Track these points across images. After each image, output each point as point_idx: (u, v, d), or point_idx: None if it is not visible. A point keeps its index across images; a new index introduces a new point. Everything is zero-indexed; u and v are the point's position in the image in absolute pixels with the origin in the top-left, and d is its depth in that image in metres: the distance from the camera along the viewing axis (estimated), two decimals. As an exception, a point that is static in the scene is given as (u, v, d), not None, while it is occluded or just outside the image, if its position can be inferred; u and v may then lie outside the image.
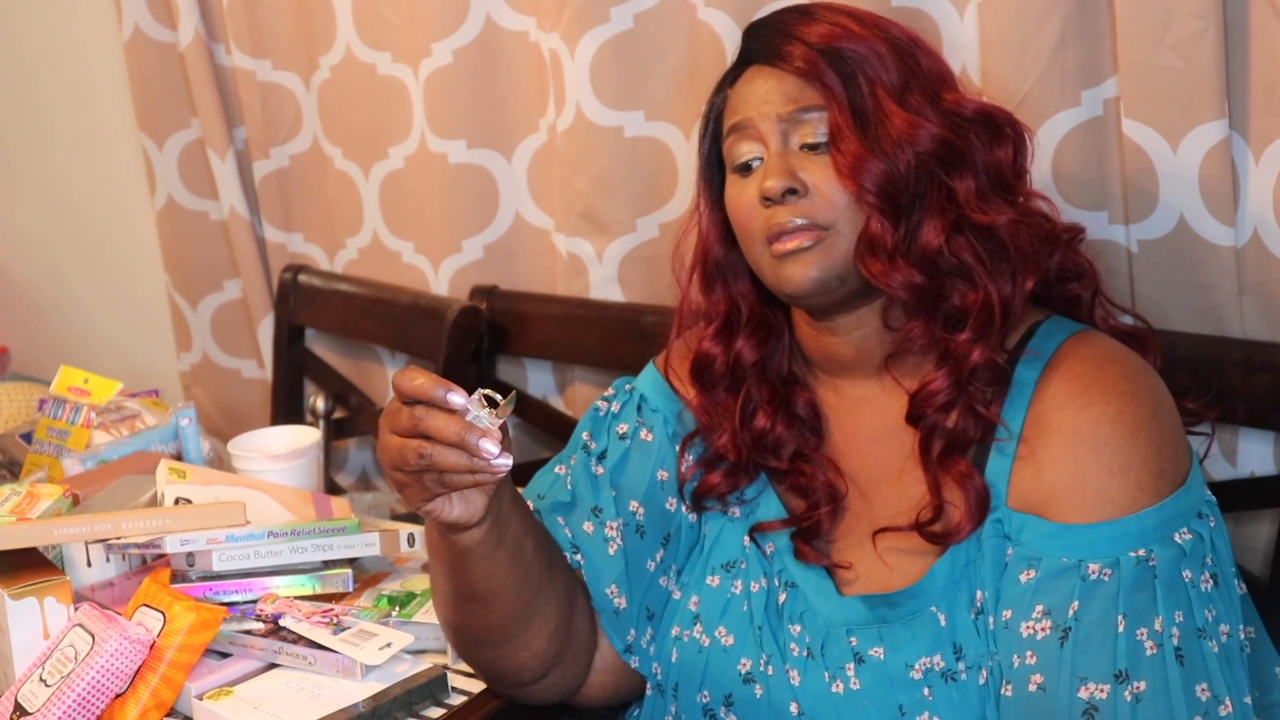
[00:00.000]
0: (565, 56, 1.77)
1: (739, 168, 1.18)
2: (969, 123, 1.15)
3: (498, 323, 1.94)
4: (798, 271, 1.13)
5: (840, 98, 1.13)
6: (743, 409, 1.24)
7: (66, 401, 1.80)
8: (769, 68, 1.17)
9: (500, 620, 1.19)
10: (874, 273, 1.12)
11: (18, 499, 1.48)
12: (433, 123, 1.94)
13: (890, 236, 1.12)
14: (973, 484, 1.11)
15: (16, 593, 1.29)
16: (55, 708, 1.22)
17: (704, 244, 1.25)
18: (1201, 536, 1.07)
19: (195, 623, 1.27)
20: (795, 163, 1.14)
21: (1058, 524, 1.07)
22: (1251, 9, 1.33)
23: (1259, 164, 1.36)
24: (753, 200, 1.16)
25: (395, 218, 2.07)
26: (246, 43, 2.12)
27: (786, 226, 1.13)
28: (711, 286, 1.26)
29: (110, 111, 2.40)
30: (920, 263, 1.12)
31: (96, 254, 2.55)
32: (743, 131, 1.18)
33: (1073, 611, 1.05)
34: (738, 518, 1.26)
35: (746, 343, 1.24)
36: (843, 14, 1.18)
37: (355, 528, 1.40)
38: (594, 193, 1.81)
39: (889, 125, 1.12)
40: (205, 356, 2.37)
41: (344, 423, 2.15)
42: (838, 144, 1.13)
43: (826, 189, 1.13)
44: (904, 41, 1.17)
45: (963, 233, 1.13)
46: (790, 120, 1.15)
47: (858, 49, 1.14)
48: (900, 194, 1.12)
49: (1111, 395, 1.08)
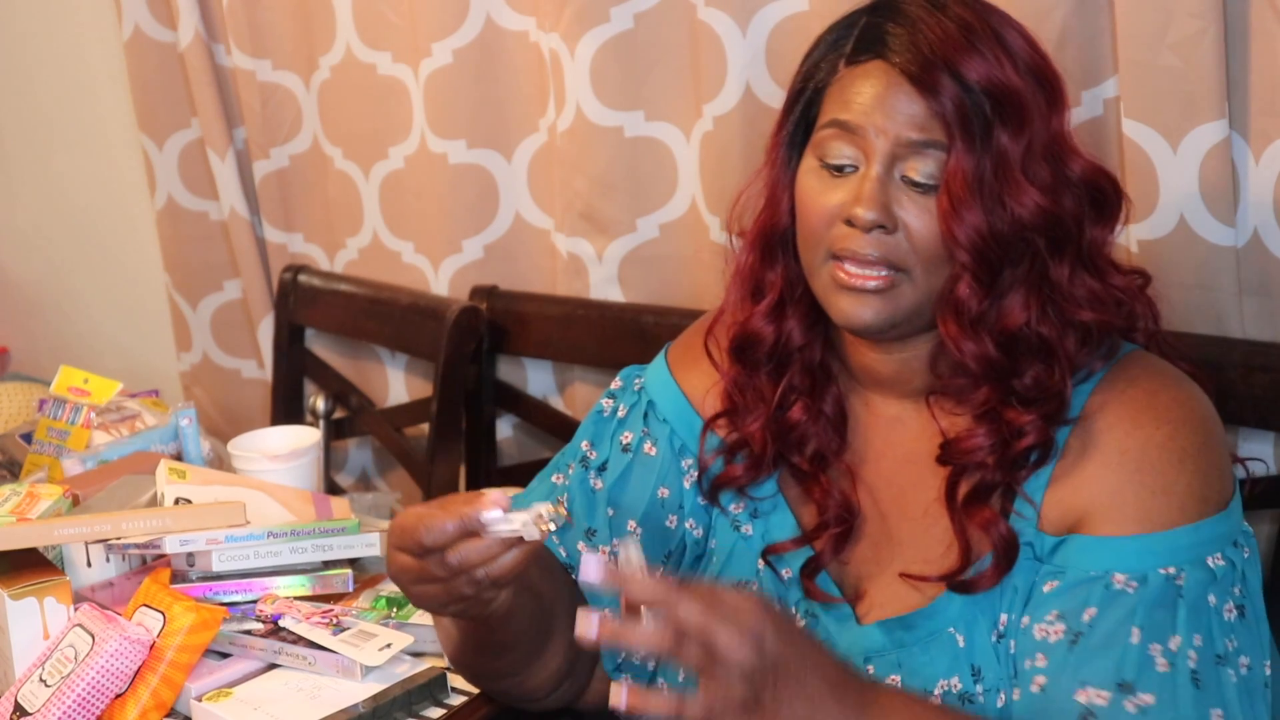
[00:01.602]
0: (565, 56, 1.76)
1: (829, 164, 1.09)
2: (1075, 186, 1.08)
3: (498, 323, 1.94)
4: (855, 309, 1.07)
5: (966, 145, 1.04)
6: (783, 396, 1.17)
7: (66, 401, 1.80)
8: (892, 70, 1.06)
9: (520, 657, 1.17)
10: (950, 334, 1.07)
11: (18, 499, 1.48)
12: (433, 123, 1.94)
13: (976, 303, 1.06)
14: (998, 531, 1.07)
15: (16, 593, 1.29)
16: (55, 708, 1.22)
17: (772, 213, 1.16)
18: (1234, 565, 1.04)
19: (195, 623, 1.27)
20: (893, 195, 1.06)
21: (1091, 538, 1.04)
22: (1251, 9, 1.33)
23: (1259, 164, 1.36)
24: (833, 209, 1.08)
25: (395, 218, 2.07)
26: (246, 43, 2.11)
27: (860, 256, 1.06)
28: (771, 259, 1.17)
29: (110, 111, 2.40)
30: (999, 336, 1.07)
31: (96, 254, 2.55)
32: (849, 134, 1.08)
33: (1088, 617, 1.02)
34: (750, 535, 1.21)
35: (798, 325, 1.17)
36: (976, 16, 1.07)
37: (355, 528, 1.40)
38: (594, 193, 1.81)
39: (1004, 185, 1.05)
40: (205, 356, 2.37)
41: (344, 423, 2.15)
42: (950, 192, 1.04)
43: (919, 233, 1.05)
44: (1039, 78, 1.07)
45: (1047, 314, 1.07)
46: (908, 147, 1.05)
47: (990, 83, 1.04)
48: (996, 259, 1.05)
49: (1163, 420, 1.05)
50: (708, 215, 1.74)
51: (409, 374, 2.14)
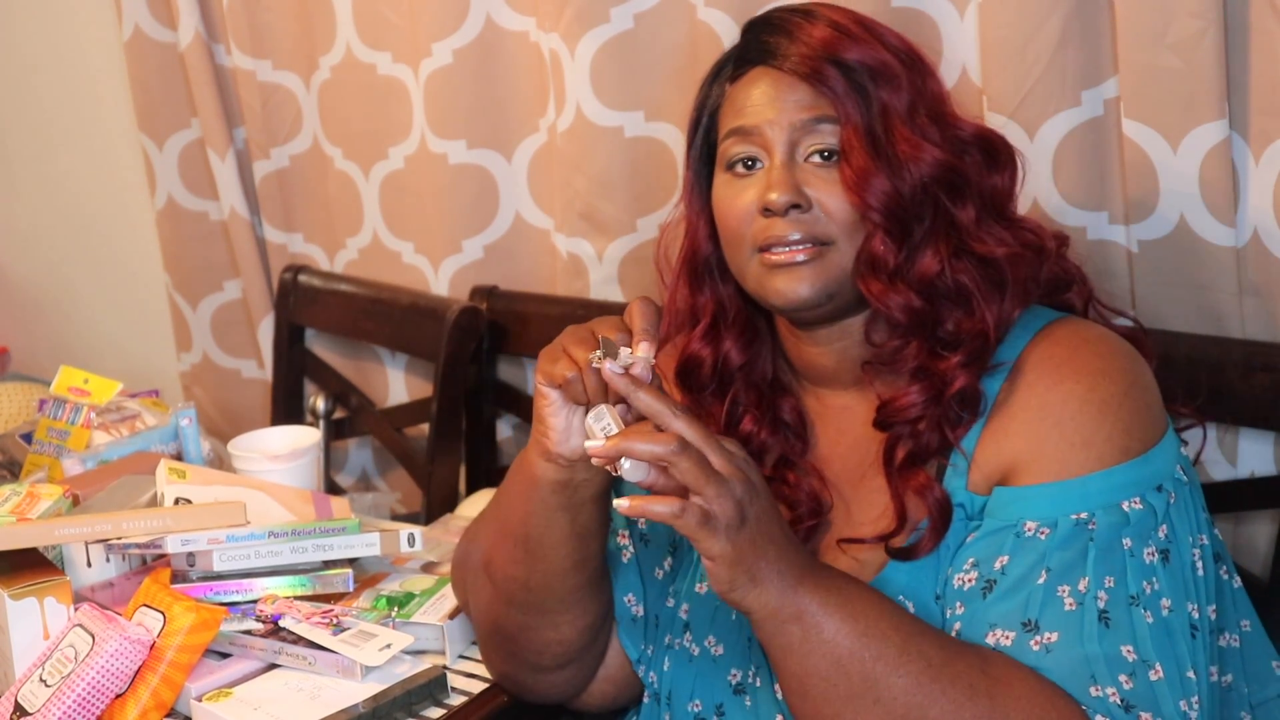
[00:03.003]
0: (565, 56, 1.76)
1: (734, 166, 1.16)
2: (968, 145, 1.15)
3: (498, 323, 1.94)
4: (789, 285, 1.12)
5: (854, 112, 1.11)
6: (729, 413, 1.22)
7: (66, 401, 1.80)
8: (776, 71, 1.14)
9: (539, 586, 1.18)
10: (873, 292, 1.11)
11: (18, 499, 1.48)
12: (433, 123, 1.94)
13: (893, 257, 1.10)
14: (933, 495, 1.10)
15: (16, 593, 1.29)
16: (55, 708, 1.22)
17: (692, 242, 1.23)
18: (1154, 509, 1.06)
19: (195, 623, 1.27)
20: (800, 176, 1.12)
21: (1010, 488, 1.08)
22: (1251, 9, 1.33)
23: (1259, 164, 1.36)
24: (748, 206, 1.14)
25: (395, 218, 2.07)
26: (247, 43, 2.12)
27: (785, 239, 1.11)
28: (699, 286, 1.23)
29: (110, 111, 2.40)
30: (919, 286, 1.11)
31: (96, 254, 2.55)
32: (747, 136, 1.14)
33: (999, 565, 1.06)
34: None
35: (734, 344, 1.22)
36: (845, 16, 1.16)
37: (355, 528, 1.40)
38: (594, 193, 1.81)
39: (897, 146, 1.11)
40: (205, 356, 2.37)
41: (344, 423, 2.15)
42: (848, 159, 1.10)
43: (831, 205, 1.11)
44: (906, 54, 1.16)
45: (961, 259, 1.12)
46: (802, 129, 1.12)
47: (866, 60, 1.12)
48: (905, 215, 1.11)
49: (1083, 373, 1.08)
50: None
51: (409, 374, 2.14)
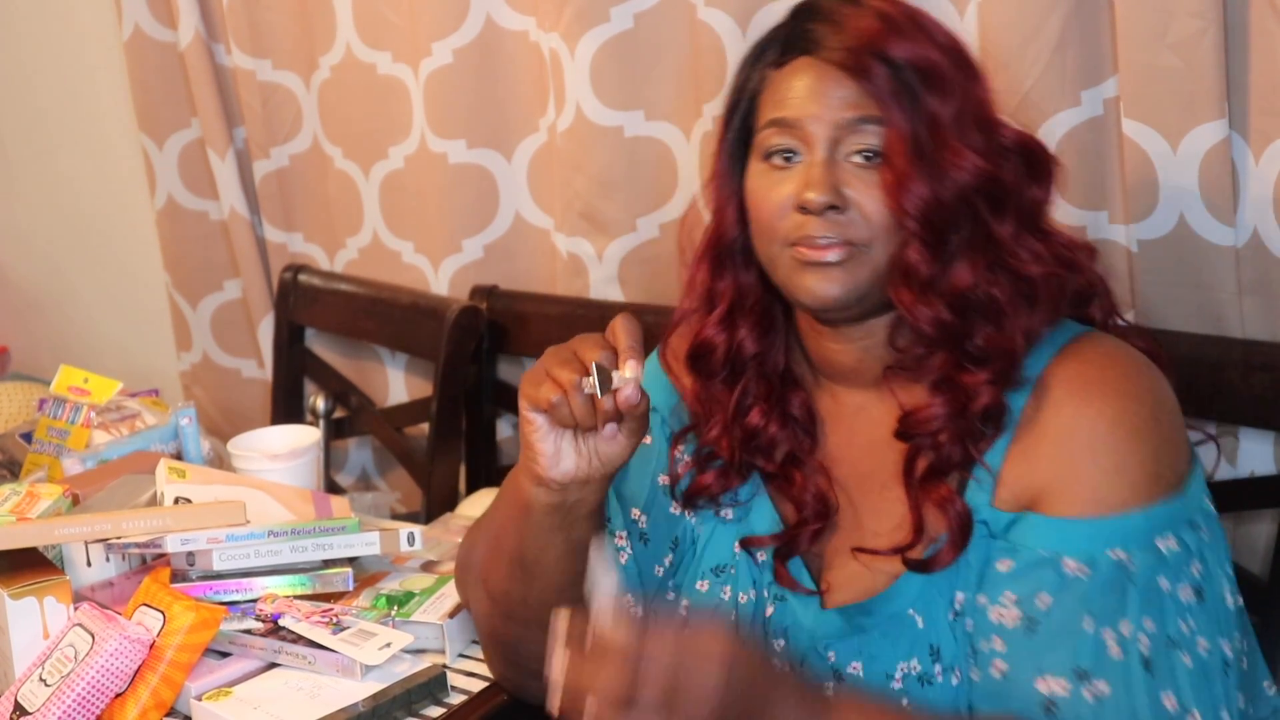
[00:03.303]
0: (565, 56, 1.77)
1: (771, 157, 1.12)
2: (1009, 152, 1.12)
3: (498, 323, 1.94)
4: (820, 284, 1.09)
5: (899, 115, 1.08)
6: (738, 403, 1.20)
7: (66, 401, 1.80)
8: (821, 63, 1.10)
9: (538, 601, 1.15)
10: (903, 301, 1.09)
11: (18, 499, 1.48)
12: (433, 123, 1.94)
13: (926, 267, 1.08)
14: (954, 509, 1.08)
15: (16, 593, 1.29)
16: (55, 707, 1.22)
17: (719, 225, 1.20)
18: (1189, 547, 1.04)
19: (195, 622, 1.27)
20: (840, 175, 1.09)
21: (1044, 517, 1.06)
22: (1251, 9, 1.33)
23: (1259, 164, 1.36)
24: (784, 200, 1.11)
25: (395, 218, 2.07)
26: (246, 43, 2.12)
27: (817, 239, 1.08)
28: (721, 271, 1.20)
29: (110, 111, 2.40)
30: (951, 298, 1.09)
31: (96, 254, 2.55)
32: (788, 129, 1.11)
33: (1042, 604, 1.04)
34: (730, 520, 1.23)
35: (749, 333, 1.20)
36: (894, 8, 1.12)
37: (355, 527, 1.40)
38: (594, 193, 1.81)
39: (941, 153, 1.07)
40: (205, 356, 2.37)
41: (344, 423, 2.15)
42: (890, 162, 1.08)
43: (869, 207, 1.08)
44: (955, 53, 1.12)
45: (995, 273, 1.09)
46: (846, 128, 1.09)
47: (914, 59, 1.09)
48: (943, 224, 1.08)
49: (1111, 395, 1.06)
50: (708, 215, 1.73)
51: (409, 374, 2.14)
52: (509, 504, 1.15)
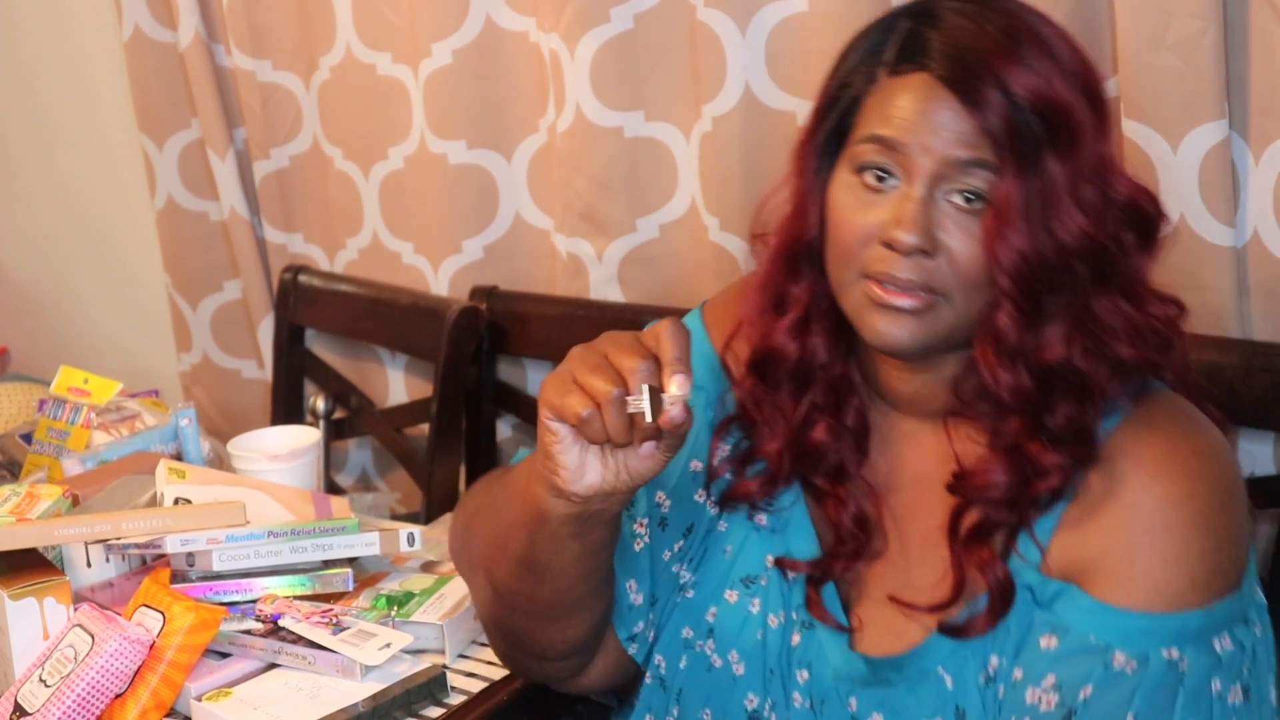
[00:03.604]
0: (565, 57, 1.77)
1: (864, 172, 1.02)
2: (1120, 210, 1.02)
3: (498, 323, 1.94)
4: (889, 329, 1.01)
5: (1015, 167, 0.97)
6: (805, 417, 1.12)
7: (66, 401, 1.80)
8: (937, 84, 0.99)
9: (546, 599, 1.12)
10: (987, 363, 1.01)
11: (18, 499, 1.48)
12: (433, 123, 1.94)
13: (1015, 333, 0.99)
14: (995, 574, 1.01)
15: (16, 593, 1.29)
16: (55, 708, 1.22)
17: (799, 227, 1.09)
18: (1243, 646, 0.99)
19: (195, 623, 1.27)
20: (935, 216, 0.99)
21: (1095, 600, 0.99)
22: (1251, 9, 1.33)
23: (1259, 164, 1.36)
24: (869, 228, 1.01)
25: (395, 218, 2.07)
26: (246, 43, 2.12)
27: (897, 280, 1.00)
28: (796, 273, 1.10)
29: (110, 112, 2.40)
30: (1034, 367, 1.00)
31: (96, 254, 2.55)
32: (890, 150, 1.00)
33: (1084, 695, 0.97)
34: (763, 526, 1.16)
35: (822, 341, 1.11)
36: (1024, 28, 1.01)
37: (355, 527, 1.40)
38: (594, 193, 1.81)
39: (1051, 209, 0.98)
40: (205, 357, 2.37)
41: (344, 423, 2.15)
42: (998, 216, 0.98)
43: (961, 257, 0.99)
44: (1087, 91, 1.01)
45: (1086, 348, 1.01)
46: (954, 166, 0.99)
47: (1040, 99, 0.98)
48: (1039, 286, 0.99)
49: (1180, 475, 0.99)
50: (707, 215, 1.74)
51: (409, 374, 2.14)
52: (518, 505, 1.07)
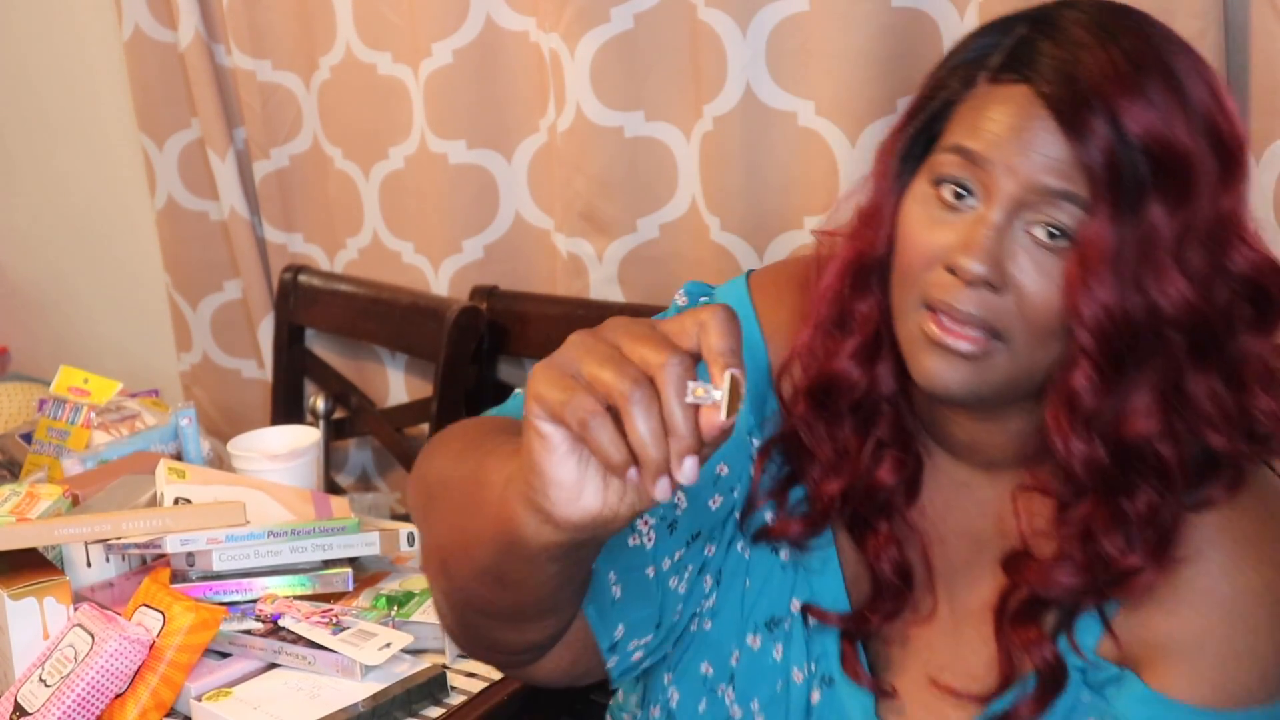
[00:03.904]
0: (565, 56, 1.76)
1: (942, 185, 0.92)
2: (1233, 280, 0.90)
3: (498, 323, 1.94)
4: (939, 371, 0.91)
5: (1109, 211, 0.86)
6: (872, 454, 0.99)
7: (66, 401, 1.80)
8: (1036, 100, 0.88)
9: (511, 608, 0.92)
10: (1059, 430, 0.90)
11: (18, 499, 1.48)
12: (433, 123, 1.94)
13: (1093, 398, 0.89)
14: (1043, 655, 0.93)
15: (16, 593, 1.29)
16: (55, 708, 1.22)
17: (870, 234, 0.98)
18: None
19: (195, 623, 1.27)
20: (1009, 247, 0.88)
21: (1153, 691, 0.92)
22: (1251, 9, 1.33)
23: (1259, 164, 1.36)
24: (936, 249, 0.91)
25: (395, 218, 2.07)
26: (246, 43, 2.12)
27: (956, 311, 0.89)
28: (864, 290, 0.98)
29: (110, 111, 2.40)
30: (1113, 442, 0.90)
31: (96, 254, 2.55)
32: (972, 165, 0.90)
33: None
34: (786, 561, 1.05)
35: (890, 368, 0.98)
36: (1176, 96, 0.87)
37: (355, 527, 1.40)
38: (594, 193, 1.81)
39: (1148, 270, 0.86)
40: (205, 356, 2.37)
41: (344, 423, 2.15)
42: (1083, 261, 0.86)
43: (1032, 296, 0.88)
44: (1215, 137, 0.88)
45: (1174, 429, 0.90)
46: (1041, 195, 0.87)
47: (1155, 142, 0.86)
48: (1123, 347, 0.87)
49: (1265, 563, 0.91)
50: (708, 215, 1.74)
51: (409, 374, 2.14)
52: (489, 518, 0.83)
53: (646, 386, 0.70)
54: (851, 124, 1.58)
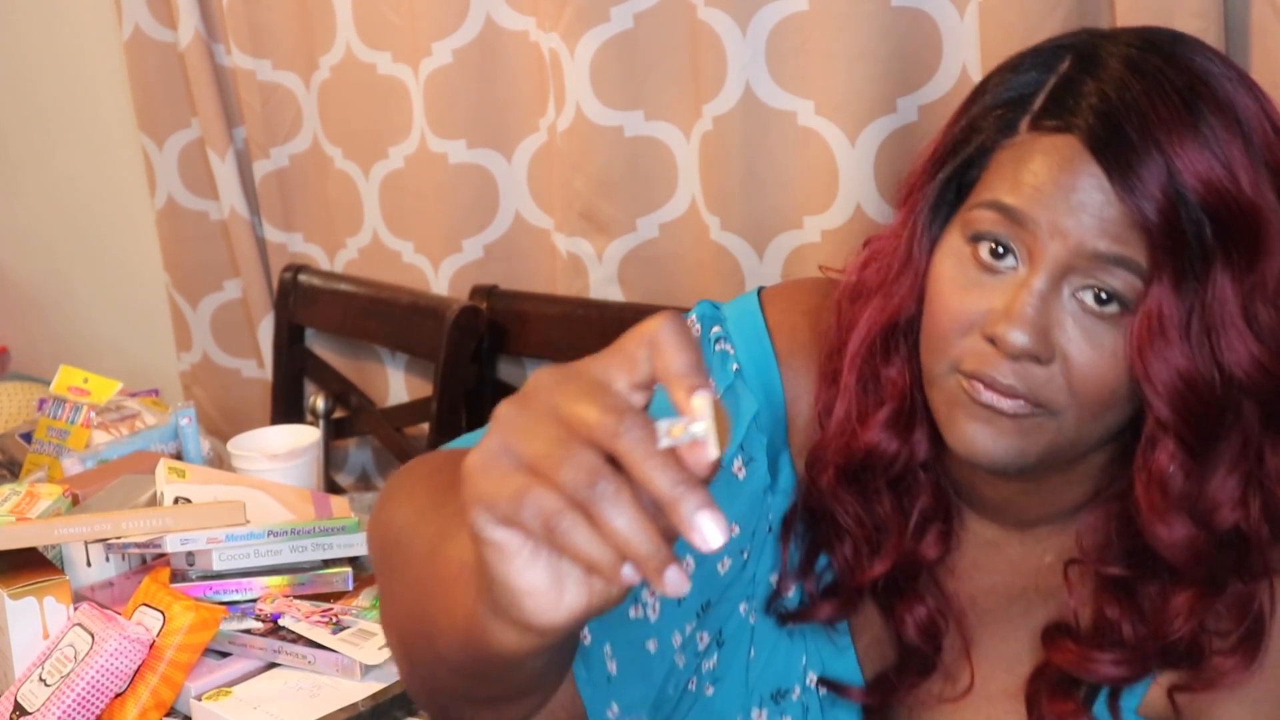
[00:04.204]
0: (565, 56, 1.77)
1: (978, 242, 0.84)
2: None
3: (498, 323, 1.94)
4: (982, 437, 0.83)
5: (1177, 287, 0.78)
6: (916, 529, 0.92)
7: (66, 401, 1.80)
8: (1086, 153, 0.80)
9: (485, 696, 0.75)
10: (1154, 513, 0.83)
11: (18, 499, 1.48)
12: (433, 123, 1.94)
13: (1184, 478, 0.82)
14: None
15: (16, 593, 1.29)
16: (55, 707, 1.22)
17: (896, 294, 0.90)
18: None
19: (195, 622, 1.27)
20: (1057, 315, 0.81)
21: None
22: (1252, 9, 1.33)
23: (1259, 164, 1.36)
24: (972, 316, 0.83)
25: (395, 218, 2.07)
26: (246, 43, 2.12)
27: (998, 384, 0.81)
28: (891, 353, 0.90)
29: (110, 111, 2.40)
30: (1207, 524, 0.83)
31: (96, 254, 2.55)
32: (1014, 224, 0.82)
33: None
34: (794, 632, 0.97)
35: (926, 434, 0.90)
36: (1237, 137, 0.80)
37: (355, 526, 1.40)
38: (594, 192, 1.81)
39: (1217, 336, 0.80)
40: (205, 356, 2.37)
41: (344, 423, 2.15)
42: (1149, 328, 0.79)
43: (1083, 368, 0.81)
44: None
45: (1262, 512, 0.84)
46: (1091, 259, 0.80)
47: (1223, 204, 0.78)
48: (1207, 422, 0.81)
49: None
50: (708, 215, 1.74)
51: (409, 374, 2.14)
52: (454, 617, 0.67)
53: (608, 470, 0.55)
54: (851, 124, 1.58)
